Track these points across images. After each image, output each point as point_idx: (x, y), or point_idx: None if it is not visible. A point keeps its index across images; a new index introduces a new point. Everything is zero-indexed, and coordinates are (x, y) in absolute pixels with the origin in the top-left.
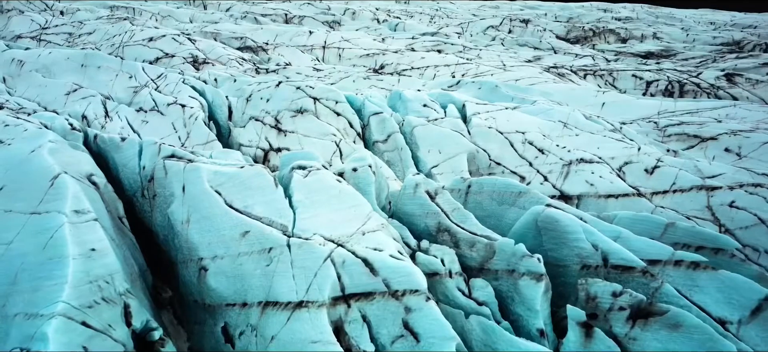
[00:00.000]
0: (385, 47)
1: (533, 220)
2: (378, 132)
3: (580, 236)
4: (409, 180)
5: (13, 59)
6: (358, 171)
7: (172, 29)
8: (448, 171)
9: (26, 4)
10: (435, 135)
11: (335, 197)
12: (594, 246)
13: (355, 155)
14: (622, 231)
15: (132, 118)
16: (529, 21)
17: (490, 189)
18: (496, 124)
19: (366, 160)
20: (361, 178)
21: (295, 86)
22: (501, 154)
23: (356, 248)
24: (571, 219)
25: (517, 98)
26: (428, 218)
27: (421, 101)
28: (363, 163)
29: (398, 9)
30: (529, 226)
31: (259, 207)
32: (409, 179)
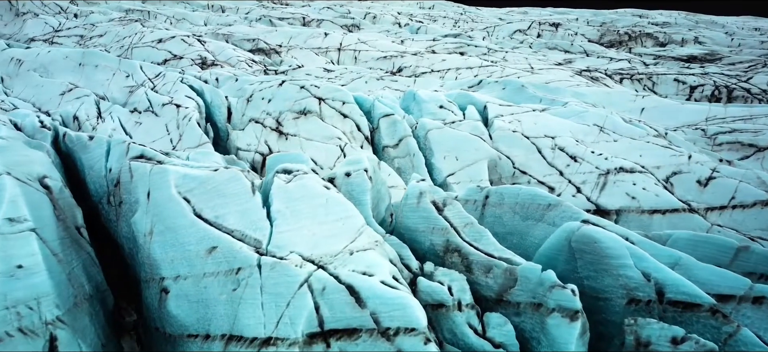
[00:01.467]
0: (404, 49)
1: (566, 239)
2: (388, 136)
3: (627, 262)
4: (412, 188)
5: (11, 58)
6: (351, 176)
7: (183, 31)
8: (465, 180)
9: (42, 7)
10: (452, 139)
11: (321, 207)
12: (645, 275)
13: (350, 158)
14: (680, 256)
15: (125, 119)
16: (560, 25)
17: (513, 200)
18: (521, 128)
19: (361, 163)
20: (355, 184)
21: (299, 85)
22: (527, 161)
23: (340, 271)
24: (615, 239)
25: (546, 99)
26: (434, 235)
27: (438, 102)
28: (358, 167)
29: (421, 13)
30: (561, 247)
31: (232, 218)
32: (411, 185)
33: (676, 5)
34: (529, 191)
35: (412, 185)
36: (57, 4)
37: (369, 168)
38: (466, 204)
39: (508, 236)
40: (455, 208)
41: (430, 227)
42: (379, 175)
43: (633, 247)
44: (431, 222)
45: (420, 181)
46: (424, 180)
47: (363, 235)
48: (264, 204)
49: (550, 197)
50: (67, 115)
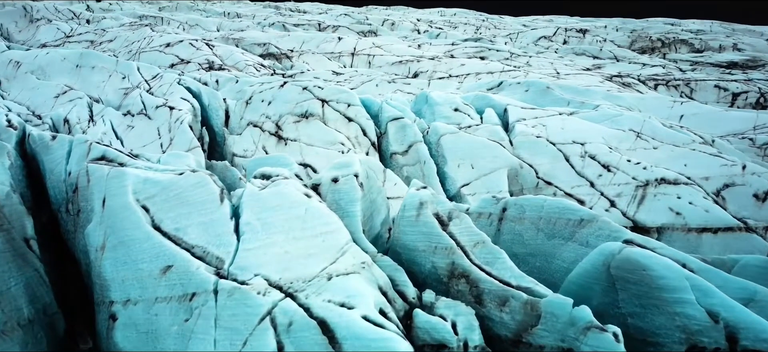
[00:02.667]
0: (421, 54)
1: (604, 264)
2: (397, 141)
3: (687, 296)
4: (411, 197)
5: (10, 61)
6: (339, 182)
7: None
8: (482, 191)
9: (55, 13)
10: (467, 145)
11: (298, 220)
12: (711, 314)
13: (339, 160)
14: (756, 289)
15: (117, 123)
16: (587, 31)
17: (536, 214)
18: (546, 133)
19: (351, 167)
20: (343, 192)
21: (301, 87)
22: (552, 170)
23: (313, 301)
24: (670, 266)
25: (574, 102)
26: (437, 256)
27: (452, 104)
28: (347, 171)
29: (441, 20)
30: (598, 274)
31: (194, 230)
32: (410, 194)
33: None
34: (556, 202)
35: (411, 192)
36: (70, 10)
37: (360, 173)
38: (479, 218)
39: (529, 258)
40: (463, 222)
41: (432, 245)
42: (374, 181)
43: (693, 276)
44: (433, 239)
45: (421, 188)
46: (425, 187)
47: (347, 254)
48: (233, 215)
49: (582, 210)
50: (57, 118)
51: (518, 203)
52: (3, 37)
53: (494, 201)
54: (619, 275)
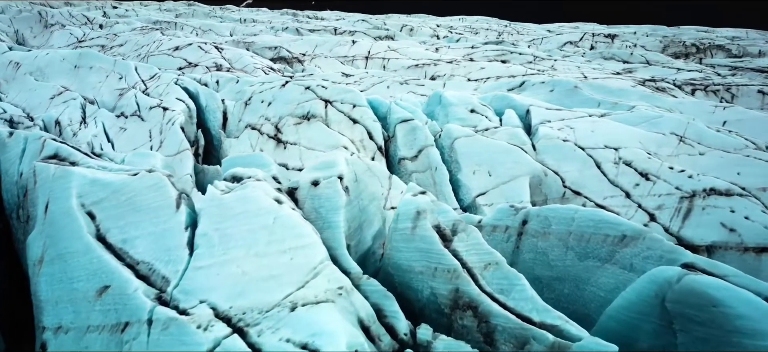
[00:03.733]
0: (438, 57)
1: (656, 296)
2: (406, 145)
3: None
4: (406, 204)
5: (10, 62)
6: (320, 186)
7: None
8: (500, 201)
9: (69, 19)
10: (484, 150)
11: (263, 231)
12: None
13: (321, 160)
14: None
15: (109, 125)
16: (616, 36)
17: (564, 227)
18: (574, 137)
19: (335, 168)
20: (323, 198)
21: (303, 86)
22: (581, 178)
23: (267, 340)
24: (751, 301)
25: (606, 103)
26: (437, 280)
27: (468, 105)
28: (329, 173)
29: (462, 26)
30: (647, 308)
31: (143, 243)
32: (405, 201)
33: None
34: (590, 213)
35: (406, 199)
36: (84, 15)
37: (346, 174)
38: (494, 232)
39: (555, 283)
40: (472, 237)
41: (431, 266)
42: (365, 186)
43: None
44: (433, 259)
45: (419, 193)
46: (424, 192)
47: (320, 277)
48: (190, 224)
49: (624, 223)
50: (49, 120)
51: (542, 213)
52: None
53: (512, 211)
54: (679, 311)
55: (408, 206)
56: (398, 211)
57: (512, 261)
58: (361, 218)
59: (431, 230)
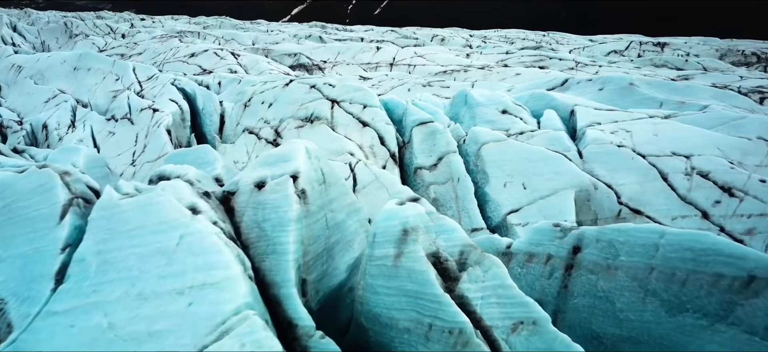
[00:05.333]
0: (469, 63)
1: None
2: (423, 152)
3: None
4: (387, 218)
5: (13, 65)
6: (265, 190)
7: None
8: (537, 220)
9: (93, 29)
10: (518, 157)
11: (161, 257)
12: None
13: (273, 152)
14: None
15: (98, 128)
16: (666, 45)
17: (643, 259)
18: (632, 142)
19: (289, 163)
20: (268, 207)
21: (308, 85)
22: (642, 193)
23: None
24: None
25: (670, 102)
26: (433, 344)
27: (499, 105)
28: (280, 169)
29: (496, 36)
30: None
31: (6, 270)
32: (386, 213)
33: None
34: (690, 237)
35: (388, 210)
36: (107, 25)
37: (304, 172)
38: (528, 264)
39: (626, 347)
40: (491, 275)
41: (424, 321)
42: (336, 190)
43: None
44: (426, 309)
45: (408, 200)
46: (416, 199)
47: (228, 339)
48: (73, 243)
49: (754, 254)
50: (36, 124)
51: (605, 236)
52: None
53: (557, 233)
54: None
55: (389, 222)
56: (375, 229)
57: (557, 309)
58: (331, 238)
59: (424, 262)
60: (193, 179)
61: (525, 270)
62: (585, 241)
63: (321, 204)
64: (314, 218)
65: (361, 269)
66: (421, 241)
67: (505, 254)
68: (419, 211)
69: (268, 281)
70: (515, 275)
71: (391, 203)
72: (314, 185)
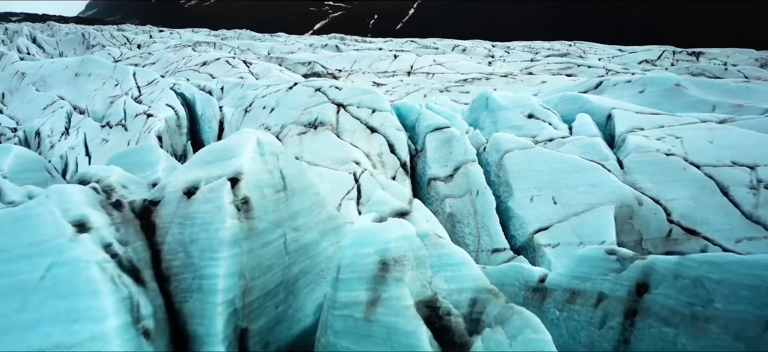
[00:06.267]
0: (491, 71)
1: None
2: (438, 161)
3: None
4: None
5: (16, 72)
6: (196, 198)
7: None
8: (570, 240)
9: (110, 40)
10: (546, 167)
11: (17, 296)
12: None
13: (212, 148)
14: None
15: (92, 135)
16: (701, 54)
17: (751, 308)
18: (683, 150)
19: (231, 159)
20: (197, 223)
21: (313, 88)
22: (697, 209)
23: None
24: None
25: (724, 105)
26: None
27: (524, 108)
28: (218, 172)
29: (520, 46)
30: None
31: None
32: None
33: None
34: None
35: (360, 231)
36: (124, 36)
37: (247, 175)
38: (571, 305)
39: None
40: (521, 343)
41: None
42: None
43: None
44: None
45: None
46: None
47: None
48: None
49: None
50: (30, 131)
51: (688, 269)
52: None
53: (612, 262)
54: None
55: (360, 248)
56: (340, 258)
57: None
58: (293, 267)
59: (412, 316)
60: (115, 184)
61: (565, 314)
62: (656, 276)
63: (277, 219)
64: (264, 239)
65: (321, 320)
66: (409, 280)
67: (537, 290)
68: (407, 232)
69: (189, 332)
70: (551, 321)
71: (364, 219)
72: (266, 191)
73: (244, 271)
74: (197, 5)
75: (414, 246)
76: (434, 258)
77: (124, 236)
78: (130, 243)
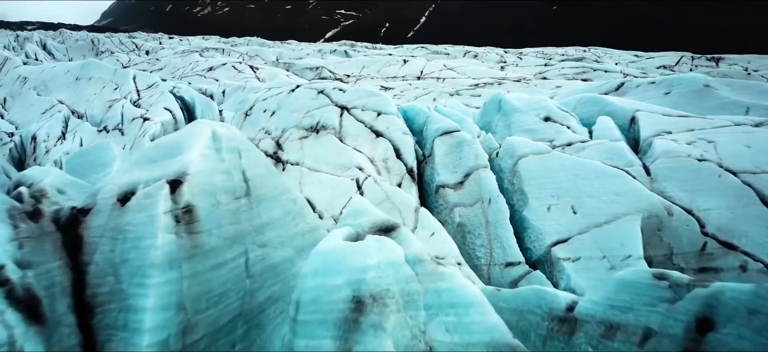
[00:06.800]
0: (504, 75)
1: None
2: (447, 167)
3: None
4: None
5: (19, 77)
6: (130, 206)
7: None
8: (592, 254)
9: (119, 46)
10: (565, 174)
11: None
12: None
13: (159, 143)
14: None
15: (88, 140)
16: (721, 59)
17: None
18: (717, 155)
19: (176, 159)
20: (128, 237)
21: (316, 90)
22: (735, 221)
23: None
24: None
25: (758, 107)
26: None
27: (540, 110)
28: (159, 173)
29: (533, 52)
30: None
31: None
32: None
33: None
34: None
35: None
36: (133, 42)
37: (193, 175)
38: (607, 340)
39: None
40: None
41: None
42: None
43: None
44: None
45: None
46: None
47: None
48: None
49: None
50: (26, 135)
51: None
52: None
53: (662, 289)
54: None
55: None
56: (299, 292)
57: None
58: (256, 295)
59: None
60: (48, 189)
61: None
62: (723, 309)
63: (236, 233)
64: (215, 260)
65: None
66: (393, 328)
67: (564, 321)
68: (391, 256)
69: None
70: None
71: (334, 237)
72: (222, 198)
73: (184, 302)
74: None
75: (401, 277)
76: (431, 295)
77: (29, 255)
78: (39, 265)
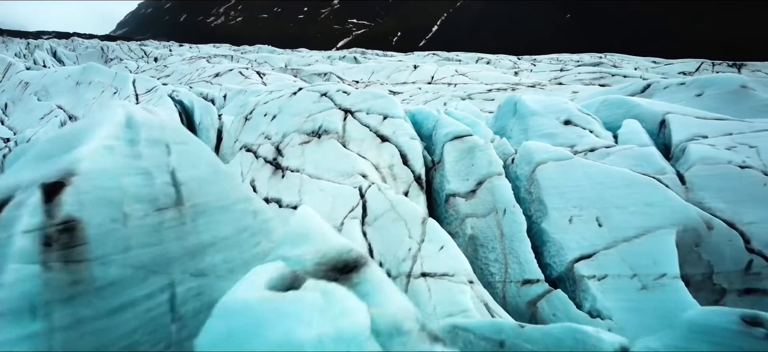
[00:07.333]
0: (517, 81)
1: None
2: (458, 174)
3: None
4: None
5: (20, 82)
6: None
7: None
8: (621, 271)
9: (128, 53)
10: (589, 182)
11: None
12: None
13: (60, 133)
14: None
15: None
16: (743, 66)
17: None
18: (761, 162)
19: (70, 154)
20: None
21: (318, 93)
22: None
23: None
24: None
25: None
26: None
27: (560, 113)
28: (43, 173)
29: (547, 58)
30: None
31: None
32: (219, 326)
33: None
34: None
35: (241, 306)
36: (142, 49)
37: (86, 173)
38: None
39: None
40: None
41: None
42: (224, 219)
43: None
44: None
45: (307, 274)
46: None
47: None
48: None
49: None
50: (21, 141)
51: None
52: None
53: (759, 339)
54: None
55: None
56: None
57: None
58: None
59: None
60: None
61: None
62: None
63: (156, 259)
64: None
65: None
66: None
67: None
68: (347, 324)
69: None
70: None
71: (254, 278)
72: (132, 208)
73: None
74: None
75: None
76: None
77: None
78: None
